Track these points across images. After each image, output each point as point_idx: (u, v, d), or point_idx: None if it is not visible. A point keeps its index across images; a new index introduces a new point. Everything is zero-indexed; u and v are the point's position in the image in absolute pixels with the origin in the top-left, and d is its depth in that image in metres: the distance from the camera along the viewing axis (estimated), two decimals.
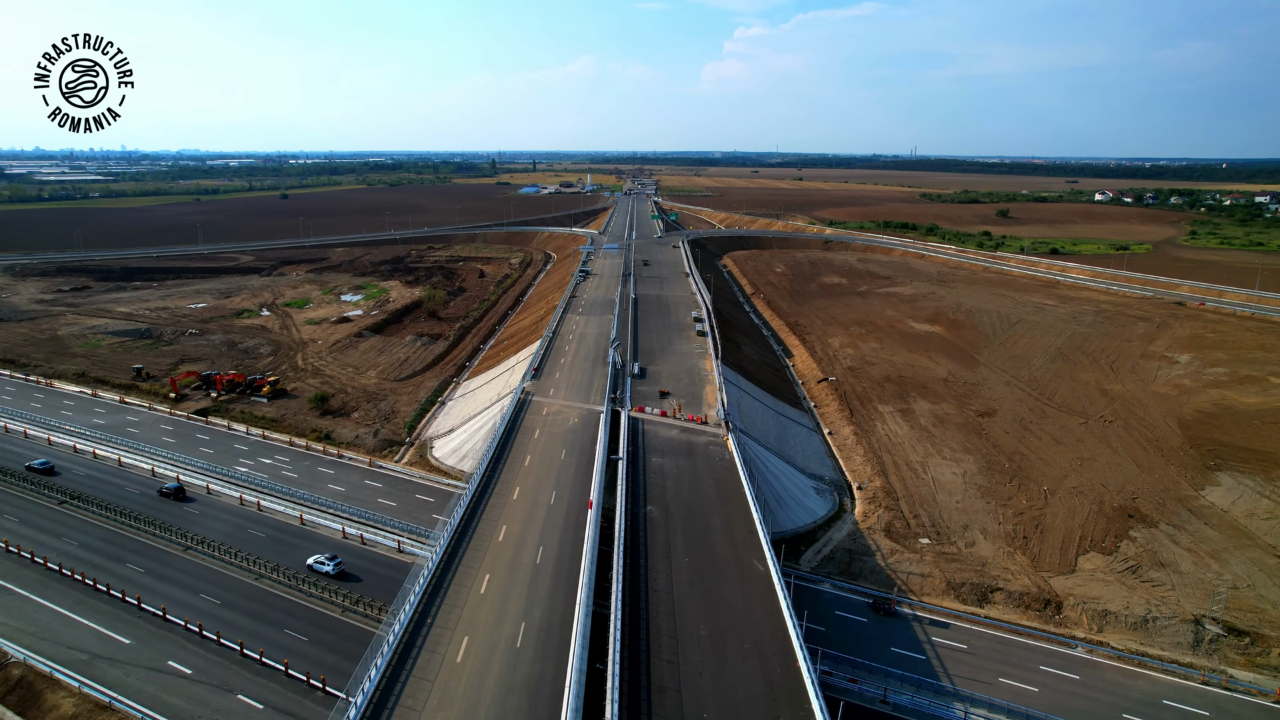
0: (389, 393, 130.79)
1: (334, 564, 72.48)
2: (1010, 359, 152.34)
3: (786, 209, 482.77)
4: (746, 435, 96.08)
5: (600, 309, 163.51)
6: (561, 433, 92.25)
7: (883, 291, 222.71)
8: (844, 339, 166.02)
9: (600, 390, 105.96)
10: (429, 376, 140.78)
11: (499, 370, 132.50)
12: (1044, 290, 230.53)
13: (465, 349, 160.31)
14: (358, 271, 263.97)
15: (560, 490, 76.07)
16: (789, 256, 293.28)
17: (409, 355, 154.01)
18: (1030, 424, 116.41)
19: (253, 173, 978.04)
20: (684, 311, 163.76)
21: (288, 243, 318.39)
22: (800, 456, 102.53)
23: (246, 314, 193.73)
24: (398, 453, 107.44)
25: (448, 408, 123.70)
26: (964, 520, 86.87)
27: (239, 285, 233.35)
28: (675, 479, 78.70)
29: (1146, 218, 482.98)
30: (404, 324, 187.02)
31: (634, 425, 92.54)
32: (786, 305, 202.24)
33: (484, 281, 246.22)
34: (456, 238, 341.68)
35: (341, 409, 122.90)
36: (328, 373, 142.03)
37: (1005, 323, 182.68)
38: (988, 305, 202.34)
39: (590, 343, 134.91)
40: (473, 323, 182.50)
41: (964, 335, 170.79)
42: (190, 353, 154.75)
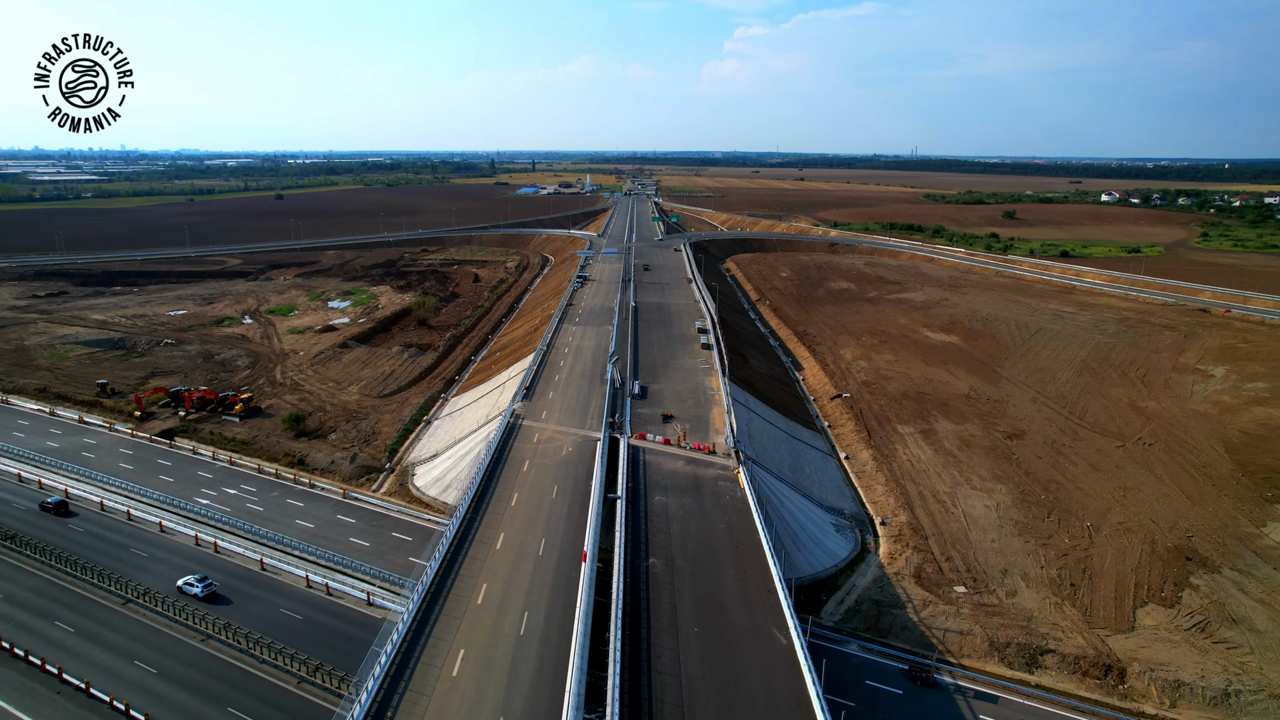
0: (370, 411, 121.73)
1: (204, 585, 68.32)
2: (1034, 372, 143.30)
3: (789, 210, 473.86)
4: (758, 465, 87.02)
5: (598, 319, 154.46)
6: (554, 464, 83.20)
7: (893, 298, 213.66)
8: (856, 350, 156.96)
9: (597, 413, 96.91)
10: (415, 392, 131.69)
11: (489, 386, 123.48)
12: (1061, 296, 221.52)
13: (455, 361, 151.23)
14: (348, 276, 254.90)
15: (550, 537, 67.04)
16: (794, 260, 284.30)
17: (395, 368, 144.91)
18: (1063, 447, 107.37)
19: (249, 173, 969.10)
20: (687, 321, 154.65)
21: (278, 245, 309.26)
22: (816, 487, 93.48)
23: (228, 322, 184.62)
24: (376, 480, 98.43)
25: (433, 428, 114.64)
26: (1002, 563, 77.83)
27: (223, 290, 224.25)
28: (681, 523, 69.64)
29: (1155, 219, 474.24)
30: (392, 333, 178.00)
31: (634, 456, 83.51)
32: (794, 312, 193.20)
33: (478, 287, 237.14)
34: (452, 240, 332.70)
35: (318, 430, 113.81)
36: (307, 388, 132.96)
37: (1025, 332, 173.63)
38: (1004, 313, 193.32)
39: (587, 357, 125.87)
40: (464, 332, 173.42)
41: (983, 346, 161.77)
42: (163, 365, 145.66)
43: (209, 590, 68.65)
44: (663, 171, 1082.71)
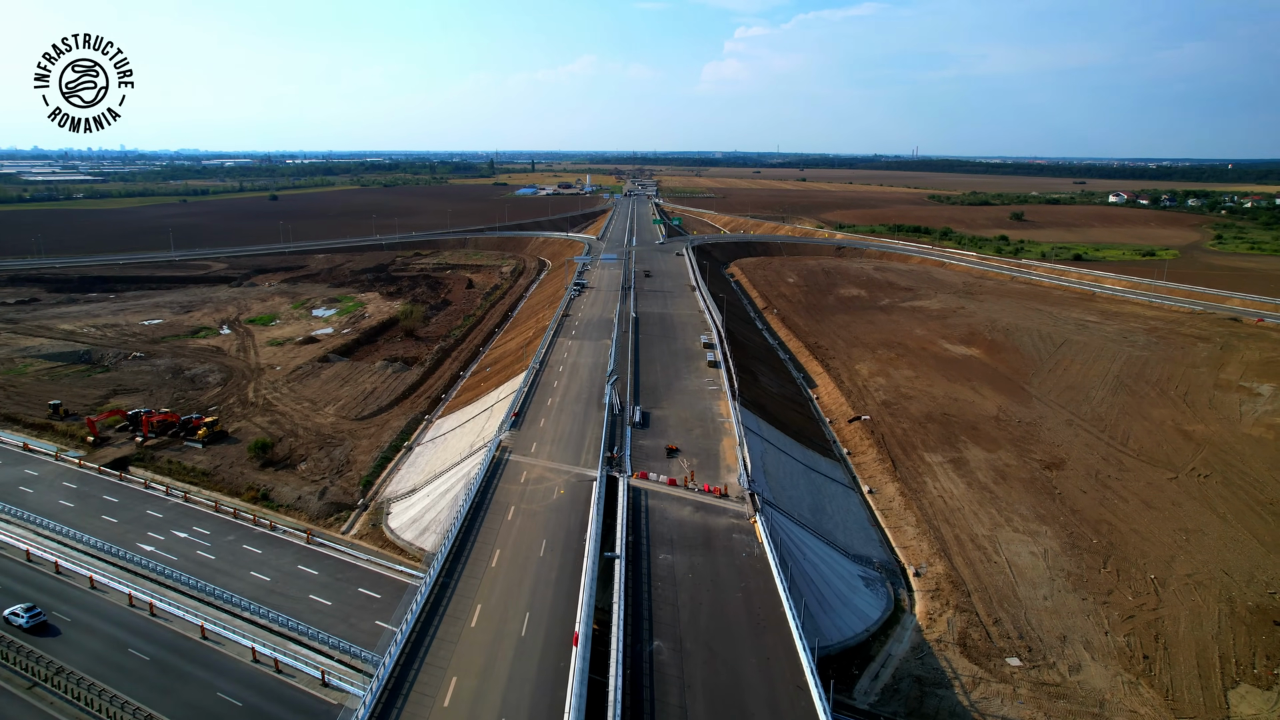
0: (346, 436, 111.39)
1: (30, 616, 63.45)
2: (1065, 390, 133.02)
3: (792, 211, 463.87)
4: (776, 509, 76.70)
5: (596, 331, 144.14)
6: (543, 510, 72.82)
7: (907, 305, 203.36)
8: (872, 364, 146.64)
9: (594, 446, 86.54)
10: (396, 414, 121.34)
11: (477, 409, 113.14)
12: (1081, 304, 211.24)
13: (442, 377, 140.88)
14: (335, 281, 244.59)
15: (536, 610, 56.70)
16: (800, 264, 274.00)
17: (376, 386, 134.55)
18: (1109, 480, 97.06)
19: (246, 173, 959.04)
20: (692, 335, 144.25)
21: (265, 249, 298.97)
22: (840, 530, 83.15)
23: (204, 332, 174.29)
24: (347, 519, 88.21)
25: (414, 456, 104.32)
26: (1059, 627, 67.52)
27: (204, 297, 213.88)
28: (691, 591, 59.25)
29: (1166, 221, 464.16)
30: (377, 345, 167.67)
31: (635, 500, 73.15)
32: (803, 322, 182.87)
33: (471, 294, 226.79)
34: (446, 243, 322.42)
35: (287, 458, 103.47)
36: (280, 408, 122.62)
37: (1049, 344, 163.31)
38: (1025, 322, 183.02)
39: (583, 376, 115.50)
40: (453, 344, 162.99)
41: (1006, 360, 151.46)
42: (128, 382, 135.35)
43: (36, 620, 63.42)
44: (663, 172, 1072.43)
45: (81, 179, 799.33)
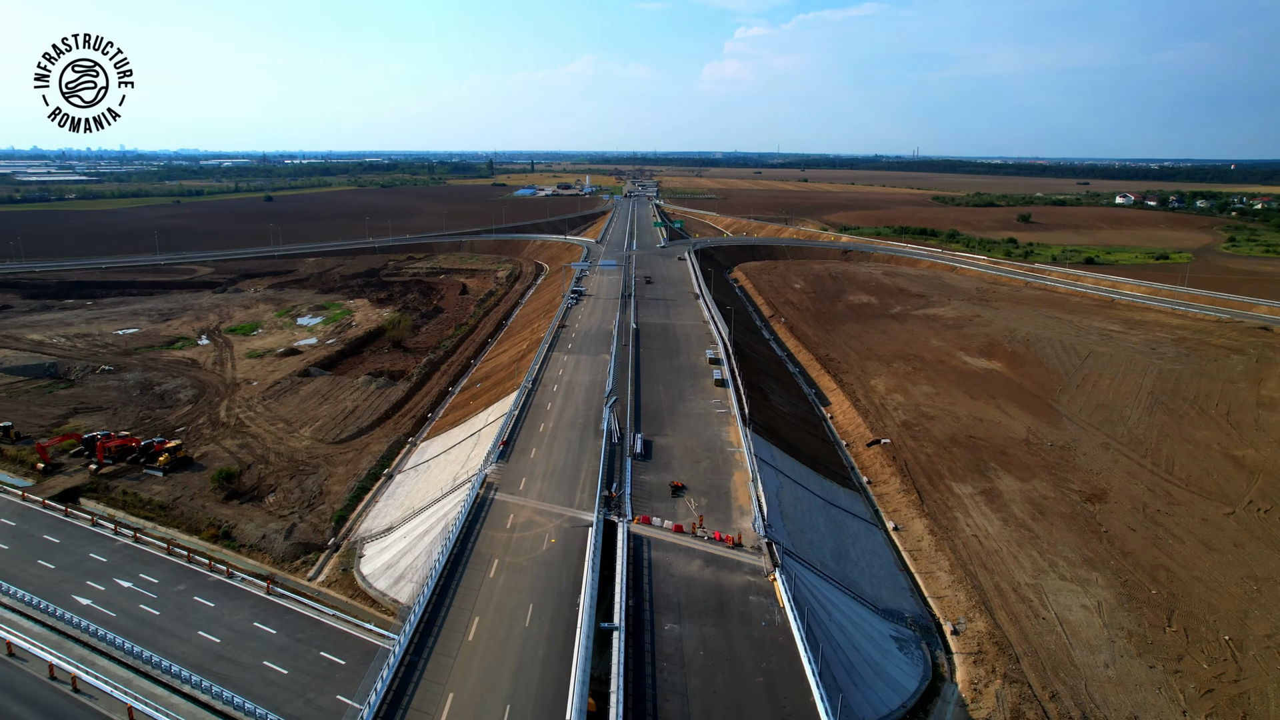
0: (322, 462, 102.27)
1: None
2: (1097, 408, 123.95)
3: (794, 213, 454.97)
4: (796, 559, 67.60)
5: (594, 344, 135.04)
6: (530, 565, 63.68)
7: (920, 314, 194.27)
8: (889, 379, 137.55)
9: (589, 482, 77.46)
10: (378, 436, 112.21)
11: (463, 433, 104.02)
12: (1101, 312, 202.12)
13: (429, 394, 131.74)
14: (324, 287, 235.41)
15: (519, 701, 47.59)
16: (806, 269, 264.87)
17: (358, 404, 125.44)
18: (1159, 516, 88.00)
19: (243, 173, 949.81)
20: (696, 348, 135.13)
21: (254, 252, 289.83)
22: (866, 578, 74.03)
23: (181, 343, 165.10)
24: (316, 562, 79.17)
25: (394, 486, 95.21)
26: (1128, 704, 58.44)
27: (185, 304, 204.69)
28: (703, 676, 50.13)
29: (1175, 222, 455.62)
30: (363, 356, 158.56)
31: (637, 552, 64.05)
32: (813, 332, 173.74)
33: (465, 300, 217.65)
34: (441, 246, 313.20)
35: (255, 489, 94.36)
36: (252, 430, 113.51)
37: (1073, 356, 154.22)
38: (1045, 332, 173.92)
39: (579, 397, 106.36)
40: (443, 356, 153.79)
41: (1030, 374, 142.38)
42: (92, 398, 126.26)
43: None
44: (663, 172, 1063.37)
45: (76, 179, 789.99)
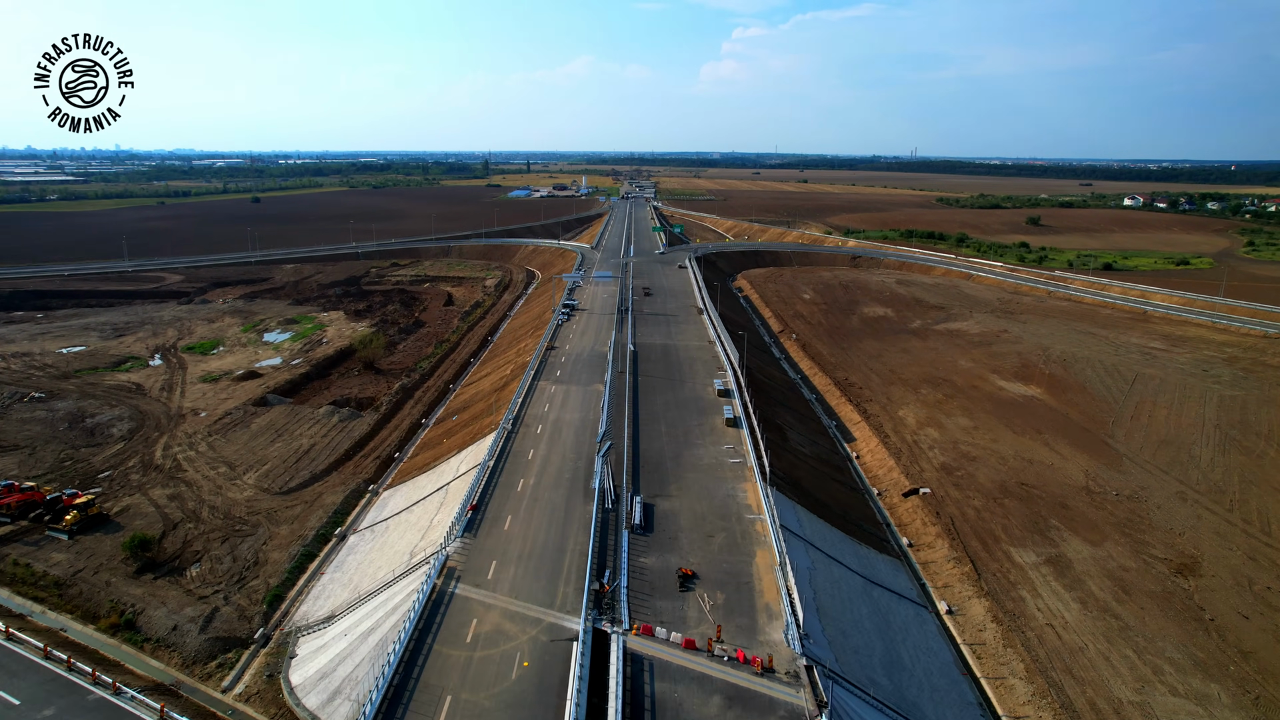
0: (264, 518, 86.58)
1: None
2: (1159, 445, 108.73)
3: (796, 215, 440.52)
4: (842, 682, 52.09)
5: (586, 371, 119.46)
6: (493, 706, 47.80)
7: (942, 329, 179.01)
8: (919, 409, 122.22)
9: (576, 568, 61.83)
10: (333, 483, 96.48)
11: (430, 483, 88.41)
12: (1136, 326, 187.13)
13: (399, 427, 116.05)
14: (299, 297, 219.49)
15: None
16: (814, 277, 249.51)
17: (317, 440, 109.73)
18: (1271, 594, 72.71)
19: (234, 174, 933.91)
20: (702, 375, 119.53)
21: (229, 258, 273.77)
22: (926, 692, 58.43)
23: (130, 364, 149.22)
24: (236, 664, 63.53)
25: (344, 553, 79.57)
26: None
27: (144, 317, 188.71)
28: None
29: (1188, 225, 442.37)
30: (330, 379, 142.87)
31: (636, 686, 48.41)
32: (828, 351, 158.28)
33: (449, 312, 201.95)
34: (427, 251, 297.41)
35: (177, 558, 78.67)
36: (189, 475, 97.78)
37: (1119, 380, 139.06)
38: (1081, 351, 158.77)
39: (567, 441, 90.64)
40: (419, 381, 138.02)
41: (1075, 402, 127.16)
42: (9, 434, 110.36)
43: None
44: (661, 173, 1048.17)
45: (61, 180, 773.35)
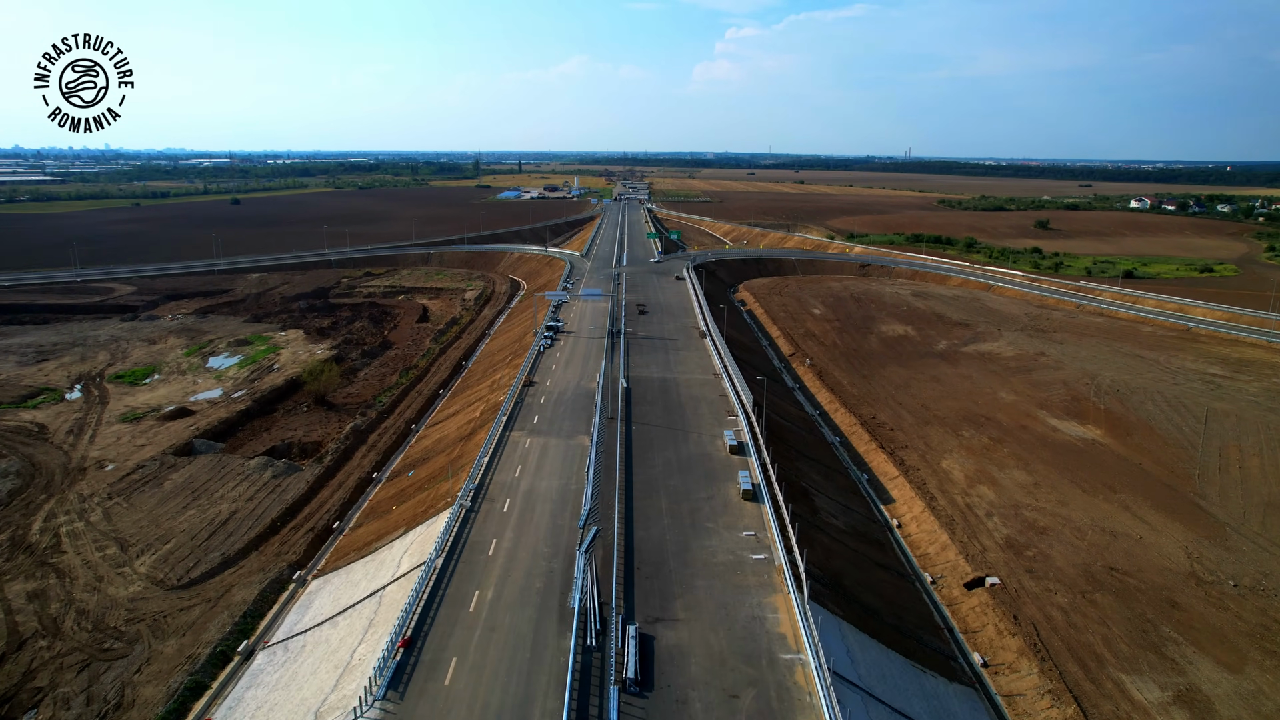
0: (147, 628, 66.70)
1: None
2: (1266, 509, 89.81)
3: (795, 218, 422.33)
4: None
5: (568, 418, 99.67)
6: None
7: (971, 350, 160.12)
8: (964, 458, 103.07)
9: None
10: (249, 569, 76.60)
11: (367, 579, 68.64)
12: (1186, 347, 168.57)
13: (344, 485, 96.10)
14: (258, 313, 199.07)
15: None
16: (822, 287, 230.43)
17: (240, 505, 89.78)
18: None
19: (219, 174, 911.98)
20: (708, 421, 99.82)
21: (190, 266, 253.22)
22: None
23: (43, 397, 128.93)
24: None
25: (244, 683, 59.63)
26: None
27: (76, 338, 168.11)
28: None
29: (1202, 229, 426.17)
30: (275, 417, 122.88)
31: None
32: (848, 380, 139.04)
33: (422, 331, 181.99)
34: (406, 259, 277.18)
35: (7, 700, 58.83)
36: (66, 561, 77.76)
37: (1187, 416, 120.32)
38: (1133, 378, 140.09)
39: (540, 527, 70.84)
40: (376, 419, 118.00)
41: (1144, 446, 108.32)
42: None
43: None
44: (655, 173, 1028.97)
45: (36, 180, 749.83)
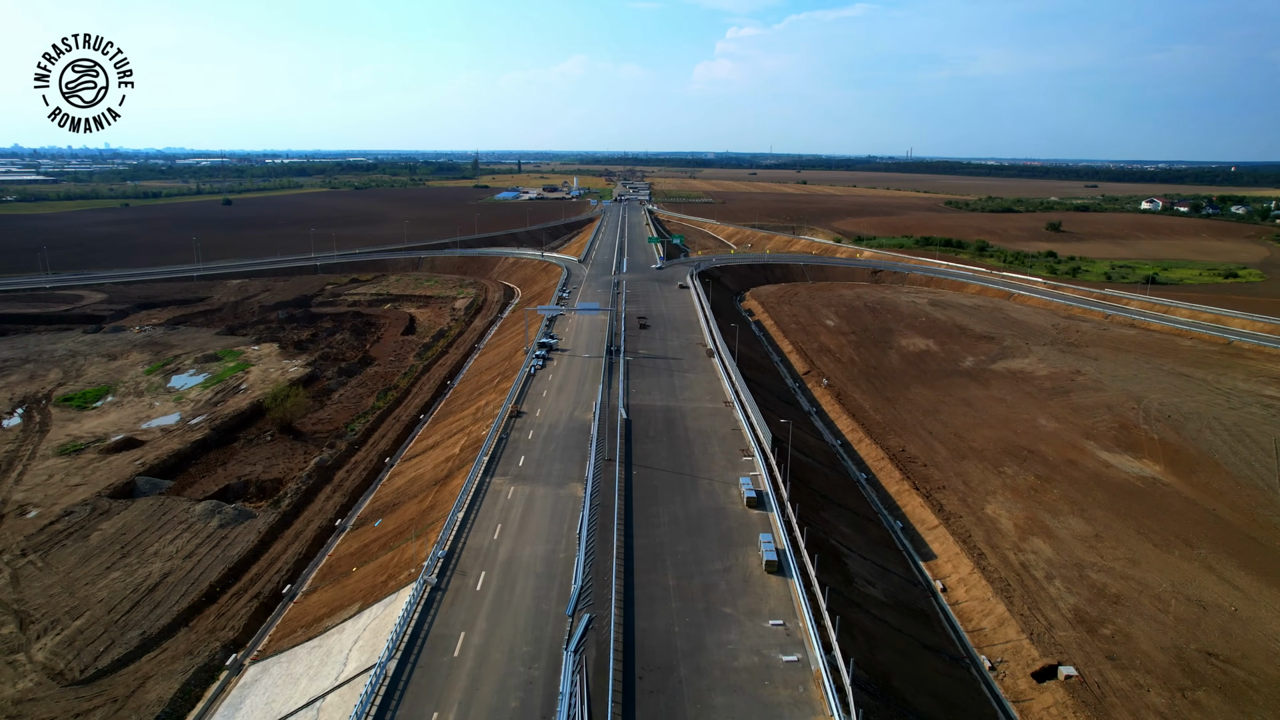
0: None
1: None
2: None
3: (799, 219, 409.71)
4: None
5: (559, 459, 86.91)
6: None
7: (1001, 368, 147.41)
8: (1009, 501, 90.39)
9: None
10: (175, 651, 63.83)
11: (309, 678, 56.02)
12: (1232, 363, 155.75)
13: (302, 535, 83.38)
14: (233, 324, 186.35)
15: None
16: (834, 295, 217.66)
17: (177, 563, 77.01)
18: None
19: (215, 173, 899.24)
20: (720, 464, 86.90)
21: (166, 272, 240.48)
22: None
23: None
24: None
25: None
26: None
27: (29, 353, 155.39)
28: None
29: (1217, 231, 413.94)
30: (234, 447, 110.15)
31: None
32: (870, 403, 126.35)
33: (406, 344, 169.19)
34: (395, 264, 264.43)
35: None
36: None
37: (1253, 448, 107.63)
38: (1183, 401, 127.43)
39: (520, 612, 57.96)
40: (347, 451, 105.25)
41: (1211, 486, 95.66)
42: None
43: None
44: (656, 173, 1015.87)
45: (29, 179, 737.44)
